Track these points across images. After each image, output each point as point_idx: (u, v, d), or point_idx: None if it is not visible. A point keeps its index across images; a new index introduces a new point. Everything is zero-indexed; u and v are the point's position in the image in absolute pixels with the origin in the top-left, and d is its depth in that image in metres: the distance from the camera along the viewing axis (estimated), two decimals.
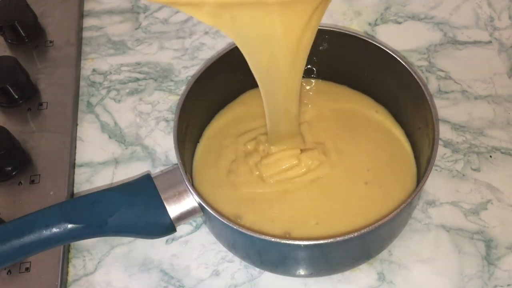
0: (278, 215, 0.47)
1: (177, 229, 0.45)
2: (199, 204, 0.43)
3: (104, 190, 0.45)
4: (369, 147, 0.51)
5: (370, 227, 0.39)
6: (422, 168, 0.47)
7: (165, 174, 0.45)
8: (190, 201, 0.44)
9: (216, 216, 0.41)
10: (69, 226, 0.41)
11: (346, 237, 0.39)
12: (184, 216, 0.44)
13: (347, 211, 0.47)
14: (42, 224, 0.41)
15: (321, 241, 0.39)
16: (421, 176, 0.47)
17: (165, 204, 0.43)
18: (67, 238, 0.42)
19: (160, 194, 0.44)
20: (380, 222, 0.39)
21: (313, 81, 0.56)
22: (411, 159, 0.50)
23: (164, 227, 0.44)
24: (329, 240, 0.39)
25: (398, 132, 0.52)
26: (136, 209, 0.43)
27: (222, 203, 0.48)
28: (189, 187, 0.43)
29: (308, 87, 0.56)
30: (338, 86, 0.56)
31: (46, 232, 0.41)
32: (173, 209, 0.43)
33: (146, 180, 0.45)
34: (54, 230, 0.41)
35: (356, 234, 0.39)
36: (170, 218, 0.43)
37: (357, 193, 0.48)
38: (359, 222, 0.45)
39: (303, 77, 0.55)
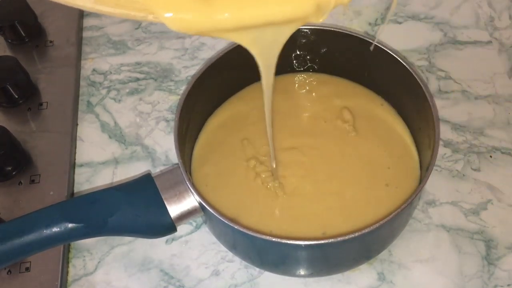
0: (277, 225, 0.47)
1: (177, 229, 0.45)
2: (200, 204, 0.43)
3: (105, 189, 0.45)
4: (378, 145, 0.50)
5: (371, 227, 0.39)
6: (423, 167, 0.48)
7: (166, 173, 0.45)
8: (191, 200, 0.44)
9: (217, 216, 0.41)
10: (70, 225, 0.41)
11: (346, 237, 0.39)
12: (185, 216, 0.44)
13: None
14: (42, 224, 0.41)
15: (321, 241, 0.39)
16: (422, 176, 0.47)
17: (165, 203, 0.43)
18: (68, 238, 0.42)
19: (161, 193, 0.44)
20: (380, 222, 0.39)
21: (315, 75, 0.56)
22: (416, 158, 0.50)
23: (165, 227, 0.44)
24: (329, 240, 0.39)
25: (403, 130, 0.52)
26: (136, 209, 0.43)
27: (221, 202, 0.48)
28: (190, 187, 0.43)
29: (310, 79, 0.56)
30: (341, 79, 0.55)
31: (46, 232, 0.41)
32: (174, 209, 0.43)
33: (146, 180, 0.45)
34: (55, 229, 0.41)
35: (356, 234, 0.39)
36: (170, 217, 0.43)
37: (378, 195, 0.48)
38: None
39: (304, 70, 0.55)
